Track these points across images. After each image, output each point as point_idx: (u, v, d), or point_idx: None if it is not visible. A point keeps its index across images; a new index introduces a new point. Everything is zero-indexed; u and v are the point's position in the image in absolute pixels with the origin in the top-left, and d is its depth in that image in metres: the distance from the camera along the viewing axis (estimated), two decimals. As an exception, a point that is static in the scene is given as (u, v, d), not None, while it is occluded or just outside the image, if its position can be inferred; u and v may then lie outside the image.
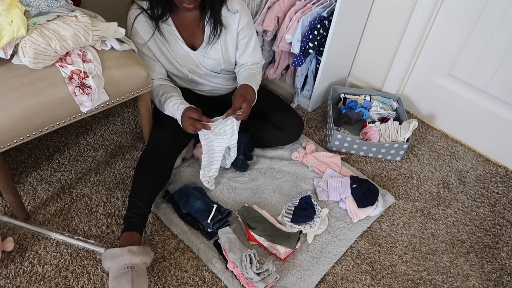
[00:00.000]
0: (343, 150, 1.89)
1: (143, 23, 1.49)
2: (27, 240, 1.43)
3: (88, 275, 1.36)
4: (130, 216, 1.40)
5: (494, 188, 1.82)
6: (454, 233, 1.63)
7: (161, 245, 1.46)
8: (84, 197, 1.59)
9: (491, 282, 1.48)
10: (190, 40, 1.56)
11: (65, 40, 1.19)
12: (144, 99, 1.47)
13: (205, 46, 1.56)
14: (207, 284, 1.38)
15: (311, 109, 2.11)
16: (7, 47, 1.16)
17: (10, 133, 1.17)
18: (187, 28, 1.54)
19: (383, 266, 1.49)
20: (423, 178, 1.83)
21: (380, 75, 2.13)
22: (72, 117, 1.29)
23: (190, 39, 1.56)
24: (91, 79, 1.23)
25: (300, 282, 1.40)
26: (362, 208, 1.61)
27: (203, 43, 1.56)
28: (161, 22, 1.49)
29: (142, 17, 1.48)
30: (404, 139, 1.84)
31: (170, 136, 1.54)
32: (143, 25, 1.49)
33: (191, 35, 1.55)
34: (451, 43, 1.86)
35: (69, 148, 1.77)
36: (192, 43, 1.57)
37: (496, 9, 1.67)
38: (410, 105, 2.16)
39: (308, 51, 1.87)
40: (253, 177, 1.72)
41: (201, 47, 1.56)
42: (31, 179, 1.63)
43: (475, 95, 1.91)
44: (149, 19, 1.48)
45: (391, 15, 1.92)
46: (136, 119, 1.94)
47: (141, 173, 1.48)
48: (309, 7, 1.90)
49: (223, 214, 1.50)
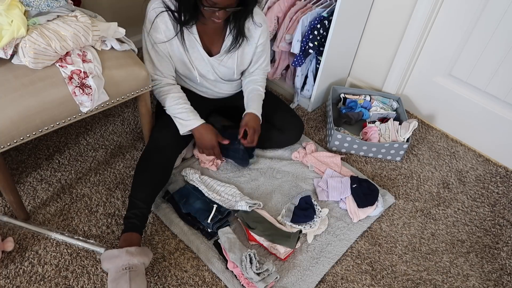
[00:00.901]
0: (343, 150, 1.89)
1: (167, 19, 1.44)
2: (27, 240, 1.43)
3: (88, 275, 1.36)
4: (130, 216, 1.40)
5: (494, 188, 1.82)
6: (454, 233, 1.63)
7: (161, 245, 1.46)
8: (84, 197, 1.59)
9: (491, 282, 1.48)
10: (208, 46, 1.55)
11: (65, 40, 1.19)
12: (144, 99, 1.47)
13: (222, 54, 1.56)
14: (207, 284, 1.38)
15: (311, 109, 2.11)
16: (7, 47, 1.16)
17: (10, 133, 1.17)
18: (208, 34, 1.53)
19: (383, 266, 1.49)
20: (423, 178, 1.83)
21: (380, 75, 2.13)
22: (72, 117, 1.29)
23: (208, 45, 1.55)
24: (91, 79, 1.23)
25: (300, 282, 1.40)
26: (362, 208, 1.61)
27: (221, 51, 1.56)
28: (185, 27, 1.47)
29: (166, 15, 1.44)
30: (404, 139, 1.84)
31: (170, 136, 1.54)
32: (166, 21, 1.44)
33: (210, 42, 1.55)
34: (451, 43, 1.86)
35: (69, 148, 1.77)
36: (209, 49, 1.56)
37: (496, 9, 1.67)
38: (410, 105, 2.16)
39: (308, 51, 1.87)
40: (253, 177, 1.72)
41: (218, 54, 1.56)
42: (31, 179, 1.63)
43: (475, 95, 1.91)
44: (173, 19, 1.45)
45: (391, 15, 1.92)
46: (136, 119, 1.94)
47: (141, 172, 1.48)
48: (309, 7, 1.90)
49: (223, 214, 1.50)
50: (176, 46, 1.50)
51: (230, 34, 1.52)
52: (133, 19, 2.13)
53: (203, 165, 1.73)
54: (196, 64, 1.56)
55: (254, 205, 1.55)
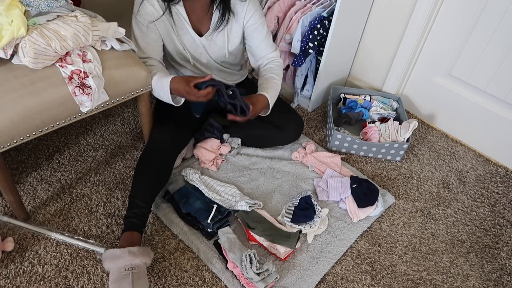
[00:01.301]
0: (343, 150, 1.89)
1: (154, 1, 1.45)
2: (27, 240, 1.43)
3: (88, 275, 1.36)
4: (130, 216, 1.40)
5: (494, 188, 1.82)
6: (454, 233, 1.63)
7: (161, 245, 1.46)
8: (84, 197, 1.59)
9: (491, 282, 1.48)
10: (197, 25, 1.55)
11: (65, 40, 1.19)
12: (144, 99, 1.47)
13: (211, 33, 1.56)
14: (207, 284, 1.38)
15: (311, 109, 2.11)
16: (7, 47, 1.16)
17: (10, 133, 1.17)
18: (195, 13, 1.52)
19: (383, 266, 1.49)
20: (423, 178, 1.83)
21: (380, 75, 2.13)
22: (72, 117, 1.29)
23: (197, 25, 1.55)
24: (91, 79, 1.23)
25: (300, 282, 1.40)
26: (362, 208, 1.61)
27: (209, 29, 1.55)
28: (172, 4, 1.47)
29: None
30: (404, 139, 1.84)
31: (170, 136, 1.54)
32: (153, 2, 1.45)
33: (198, 21, 1.54)
34: (451, 43, 1.86)
35: (69, 148, 1.77)
36: (199, 29, 1.56)
37: (496, 9, 1.67)
38: (410, 105, 2.16)
39: (308, 51, 1.87)
40: (253, 177, 1.72)
41: (207, 33, 1.56)
42: (31, 179, 1.63)
43: (475, 95, 1.91)
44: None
45: (391, 15, 1.92)
46: (136, 119, 1.94)
47: (141, 172, 1.48)
48: (309, 7, 1.90)
49: (223, 214, 1.50)
50: (165, 28, 1.51)
51: (217, 9, 1.51)
52: (133, 19, 2.13)
53: (203, 165, 1.73)
54: (187, 46, 1.57)
55: (254, 205, 1.55)
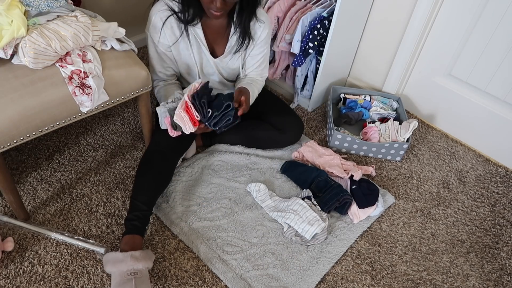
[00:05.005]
0: (343, 150, 1.89)
1: (173, 24, 1.45)
2: (27, 240, 1.43)
3: (88, 275, 1.36)
4: (132, 218, 1.39)
5: (494, 188, 1.82)
6: (454, 233, 1.63)
7: (161, 245, 1.46)
8: (84, 197, 1.59)
9: (491, 282, 1.48)
10: (213, 46, 1.55)
11: (65, 40, 1.19)
12: (144, 99, 1.47)
13: (226, 55, 1.56)
14: (207, 284, 1.38)
15: (311, 109, 2.11)
16: (7, 47, 1.16)
17: (10, 133, 1.17)
18: (212, 34, 1.52)
19: (383, 266, 1.49)
20: (423, 178, 1.83)
21: (380, 75, 2.13)
22: (72, 117, 1.29)
23: (212, 46, 1.55)
24: (91, 79, 1.24)
25: (300, 282, 1.40)
26: (363, 208, 1.61)
27: (225, 52, 1.55)
28: (190, 26, 1.46)
29: (172, 19, 1.44)
30: (404, 139, 1.84)
31: (172, 139, 1.54)
32: (171, 26, 1.45)
33: (214, 42, 1.54)
34: (451, 43, 1.86)
35: (69, 148, 1.77)
36: (213, 50, 1.56)
37: (496, 9, 1.67)
38: (410, 105, 2.16)
39: (308, 51, 1.87)
40: (253, 177, 1.72)
41: (223, 55, 1.55)
42: (31, 179, 1.63)
43: (475, 95, 1.91)
44: (178, 21, 1.44)
45: (391, 15, 1.92)
46: (136, 119, 1.94)
47: (143, 175, 1.47)
48: (309, 7, 1.90)
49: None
50: (181, 49, 1.51)
51: (235, 34, 1.51)
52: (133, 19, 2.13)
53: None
54: (199, 64, 1.57)
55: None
